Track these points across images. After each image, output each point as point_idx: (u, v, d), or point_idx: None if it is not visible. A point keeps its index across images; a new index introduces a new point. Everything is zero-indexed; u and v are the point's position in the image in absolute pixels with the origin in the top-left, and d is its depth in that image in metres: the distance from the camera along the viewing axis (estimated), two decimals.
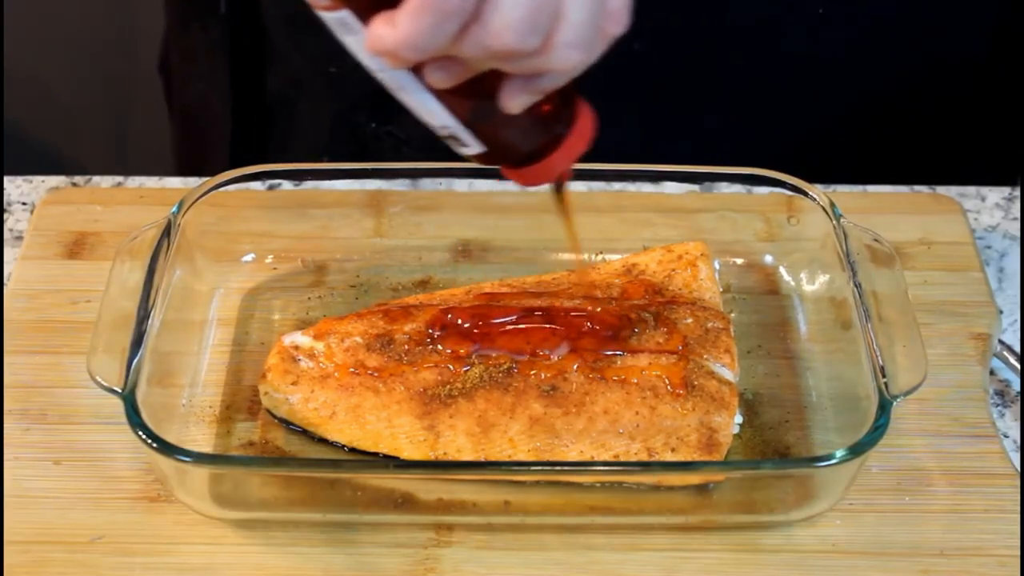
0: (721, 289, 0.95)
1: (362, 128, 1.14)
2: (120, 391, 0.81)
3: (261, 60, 1.17)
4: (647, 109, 1.09)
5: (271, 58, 1.16)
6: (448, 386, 0.86)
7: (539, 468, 0.85)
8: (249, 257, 1.00)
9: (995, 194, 1.08)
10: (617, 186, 1.06)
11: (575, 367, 0.86)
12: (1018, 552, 0.83)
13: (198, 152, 1.25)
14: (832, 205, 0.94)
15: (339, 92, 1.15)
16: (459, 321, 0.88)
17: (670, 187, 1.02)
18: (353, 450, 0.87)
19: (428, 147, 1.10)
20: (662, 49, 1.05)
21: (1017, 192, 1.08)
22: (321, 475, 0.84)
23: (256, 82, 1.18)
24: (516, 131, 0.75)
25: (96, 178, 1.08)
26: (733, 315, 0.95)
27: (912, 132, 1.15)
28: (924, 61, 1.10)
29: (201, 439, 0.88)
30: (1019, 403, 0.93)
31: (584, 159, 0.97)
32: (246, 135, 1.20)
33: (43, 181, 1.07)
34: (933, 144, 1.18)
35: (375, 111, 1.14)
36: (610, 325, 0.88)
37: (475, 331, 0.87)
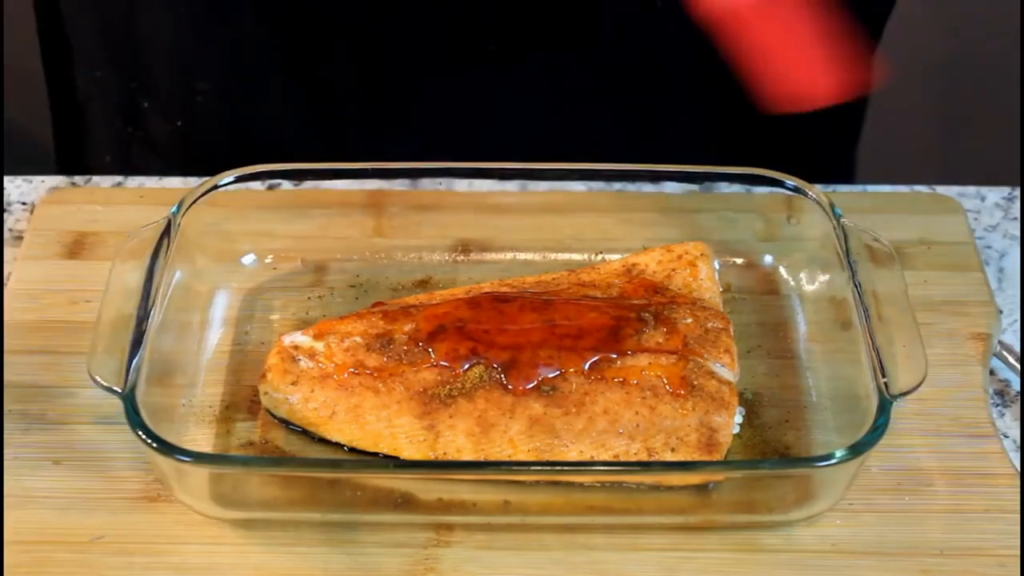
0: (721, 289, 0.95)
1: (120, 132, 1.16)
2: (120, 391, 0.81)
3: (69, 55, 1.19)
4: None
5: (72, 54, 1.19)
6: (448, 386, 0.86)
7: (539, 468, 0.85)
8: (249, 257, 1.00)
9: (995, 194, 1.08)
10: (617, 186, 1.06)
11: (575, 367, 0.86)
12: (1018, 552, 0.83)
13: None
14: (832, 205, 0.94)
15: (104, 95, 1.17)
16: (459, 321, 0.88)
17: (670, 187, 1.02)
18: (353, 450, 0.87)
19: (174, 153, 1.11)
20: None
21: (1017, 192, 1.08)
22: (321, 475, 0.84)
23: (66, 77, 1.20)
24: None
25: (96, 178, 1.08)
26: (733, 315, 0.95)
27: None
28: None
29: (201, 439, 0.88)
30: (1019, 403, 0.93)
31: (584, 159, 0.98)
32: (63, 131, 1.22)
33: (43, 181, 1.08)
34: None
35: (128, 117, 1.15)
36: (610, 325, 0.88)
37: (475, 331, 0.87)
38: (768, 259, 1.00)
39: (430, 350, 0.87)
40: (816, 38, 0.80)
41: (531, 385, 0.85)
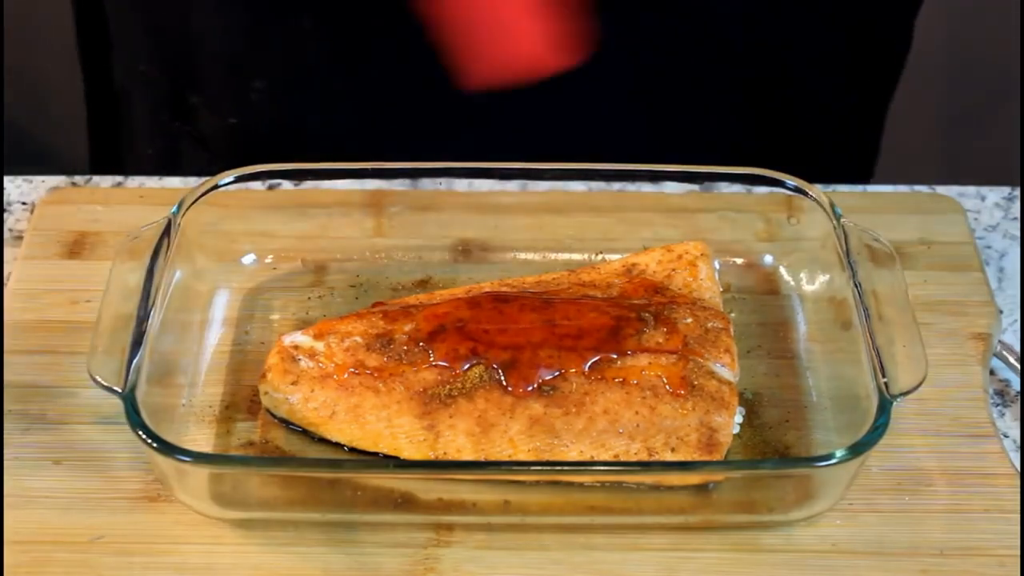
0: (721, 289, 0.95)
1: (166, 126, 1.16)
2: (120, 391, 0.81)
3: (107, 49, 1.19)
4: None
5: (112, 47, 1.19)
6: (448, 386, 0.86)
7: (539, 468, 0.85)
8: (249, 257, 1.00)
9: (995, 194, 1.08)
10: (617, 186, 1.06)
11: (575, 367, 0.86)
12: (1018, 552, 0.83)
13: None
14: (832, 205, 0.94)
15: (151, 89, 1.16)
16: (459, 321, 0.88)
17: (670, 187, 1.02)
18: (353, 450, 0.87)
19: (226, 147, 1.11)
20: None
21: (1017, 192, 1.08)
22: (321, 475, 0.84)
23: (103, 71, 1.20)
24: None
25: (96, 178, 1.08)
26: (733, 315, 0.95)
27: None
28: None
29: (201, 439, 0.88)
30: (1019, 403, 0.93)
31: (584, 159, 0.97)
32: (98, 125, 1.22)
33: (43, 181, 1.07)
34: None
35: (176, 111, 1.15)
36: (610, 325, 0.88)
37: (475, 331, 0.87)
38: (768, 259, 1.00)
39: (430, 350, 0.87)
40: (521, 9, 0.76)
41: (531, 385, 0.85)
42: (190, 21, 1.11)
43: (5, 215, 1.05)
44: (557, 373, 0.85)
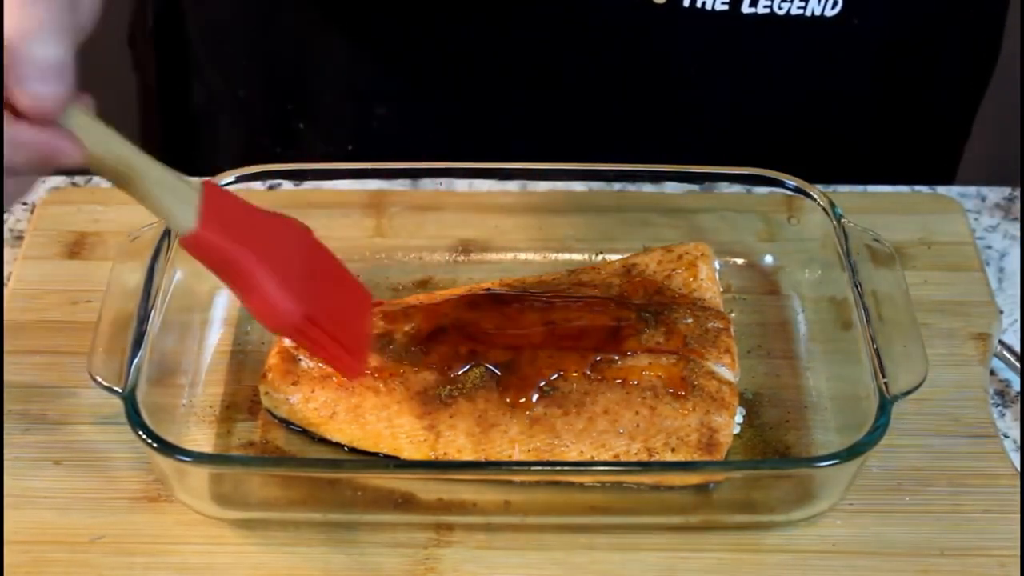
0: (721, 289, 0.95)
1: (266, 151, 1.16)
2: (120, 391, 0.81)
3: (186, 72, 1.19)
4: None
5: (194, 71, 1.18)
6: (448, 386, 0.86)
7: (539, 468, 0.85)
8: None
9: (995, 194, 1.08)
10: (617, 186, 1.06)
11: (575, 367, 0.86)
12: (1018, 552, 0.83)
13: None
14: (832, 205, 0.94)
15: (248, 114, 1.16)
16: (459, 321, 0.88)
17: (670, 187, 1.02)
18: (353, 450, 0.87)
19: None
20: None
21: (1017, 192, 1.08)
22: (321, 475, 0.84)
23: (181, 93, 1.20)
24: None
25: (96, 178, 1.08)
26: (733, 315, 0.95)
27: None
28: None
29: (201, 439, 0.88)
30: (1019, 403, 0.93)
31: (585, 159, 0.97)
32: (171, 144, 1.22)
33: (43, 181, 1.07)
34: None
35: (278, 136, 1.15)
36: (610, 325, 0.88)
37: (475, 331, 0.87)
38: (768, 259, 1.00)
39: (431, 350, 0.87)
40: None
41: (531, 385, 0.85)
42: (308, 50, 1.11)
43: (5, 215, 1.05)
44: (557, 373, 0.85)
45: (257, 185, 1.01)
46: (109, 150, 0.74)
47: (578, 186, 1.06)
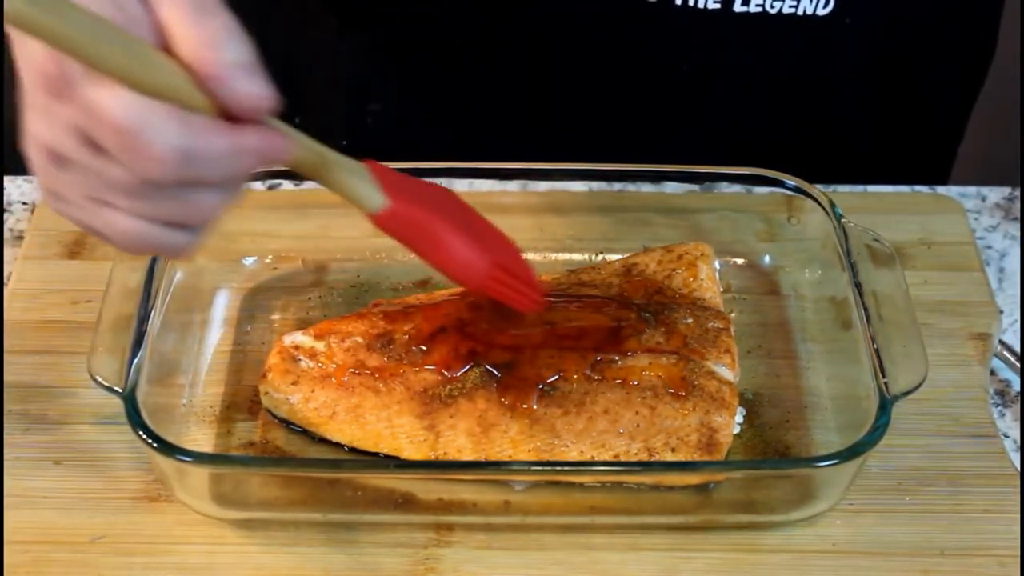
0: (722, 289, 0.95)
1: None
2: (120, 391, 0.81)
3: None
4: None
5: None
6: (448, 386, 0.86)
7: (539, 468, 0.85)
8: (250, 257, 1.00)
9: (995, 194, 1.08)
10: (617, 186, 1.06)
11: (575, 367, 0.86)
12: (1018, 552, 0.83)
13: None
14: (832, 205, 0.94)
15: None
16: (459, 321, 0.88)
17: (670, 187, 1.02)
18: (353, 450, 0.87)
19: None
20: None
21: (1017, 192, 1.08)
22: (321, 475, 0.84)
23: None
24: None
25: None
26: (733, 315, 0.95)
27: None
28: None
29: (201, 439, 0.88)
30: (1019, 403, 0.93)
31: (585, 159, 0.97)
32: None
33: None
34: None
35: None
36: (610, 325, 0.88)
37: (475, 331, 0.87)
38: (768, 259, 1.00)
39: (431, 350, 0.87)
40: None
41: (531, 385, 0.85)
42: (301, 46, 1.11)
43: (5, 215, 1.05)
44: (558, 374, 0.85)
45: (257, 185, 1.01)
46: (302, 143, 0.74)
47: (578, 186, 1.06)
